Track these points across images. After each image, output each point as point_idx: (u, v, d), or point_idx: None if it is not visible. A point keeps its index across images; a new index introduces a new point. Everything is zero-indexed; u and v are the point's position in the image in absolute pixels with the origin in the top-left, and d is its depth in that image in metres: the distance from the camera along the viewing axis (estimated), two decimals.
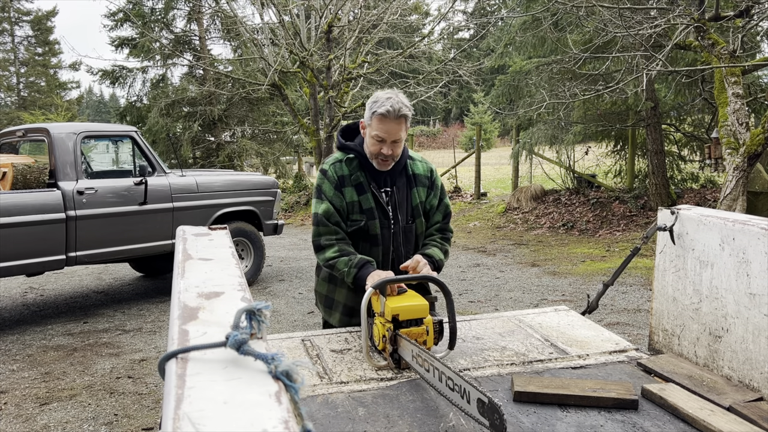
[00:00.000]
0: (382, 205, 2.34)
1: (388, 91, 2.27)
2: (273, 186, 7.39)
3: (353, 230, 2.34)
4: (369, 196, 2.32)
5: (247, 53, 15.17)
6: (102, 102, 63.96)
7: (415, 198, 2.40)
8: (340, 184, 2.32)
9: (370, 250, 2.34)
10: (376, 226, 2.32)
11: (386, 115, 2.19)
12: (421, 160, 2.48)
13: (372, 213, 2.32)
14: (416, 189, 2.40)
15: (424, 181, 2.43)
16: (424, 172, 2.44)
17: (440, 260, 2.36)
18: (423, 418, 1.65)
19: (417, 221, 2.40)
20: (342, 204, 2.31)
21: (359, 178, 2.33)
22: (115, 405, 3.87)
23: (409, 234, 2.40)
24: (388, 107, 2.18)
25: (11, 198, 5.24)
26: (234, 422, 0.60)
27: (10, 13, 29.97)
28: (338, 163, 2.36)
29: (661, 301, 2.21)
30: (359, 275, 2.19)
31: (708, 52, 6.39)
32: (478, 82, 16.26)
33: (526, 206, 11.24)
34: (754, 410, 1.66)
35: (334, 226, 2.31)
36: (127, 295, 6.89)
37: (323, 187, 2.33)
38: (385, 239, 2.35)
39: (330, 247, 2.29)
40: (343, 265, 2.23)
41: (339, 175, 2.33)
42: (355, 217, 2.32)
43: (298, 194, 14.98)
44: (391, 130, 2.21)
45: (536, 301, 5.95)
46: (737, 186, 5.91)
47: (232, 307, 0.91)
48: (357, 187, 2.33)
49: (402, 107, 2.20)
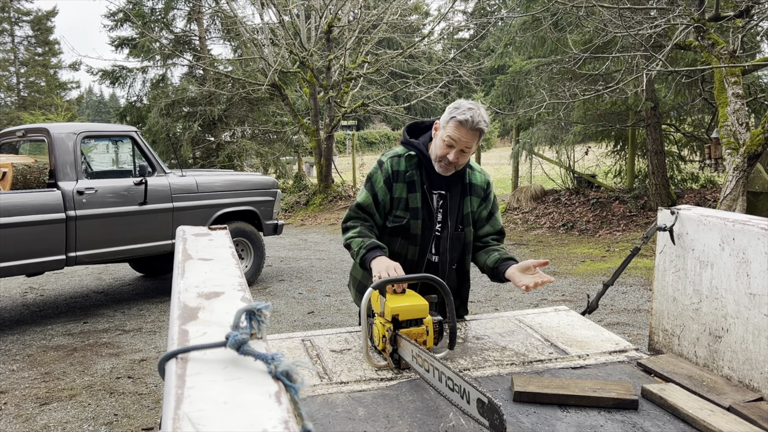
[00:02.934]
0: (430, 207, 2.33)
1: (472, 102, 2.27)
2: (273, 186, 7.39)
3: (395, 226, 2.34)
4: (418, 195, 2.32)
5: (247, 53, 15.17)
6: (102, 102, 63.98)
7: (467, 206, 2.38)
8: (393, 179, 2.33)
9: (407, 248, 2.34)
10: (417, 226, 2.32)
11: (464, 123, 2.19)
12: (480, 171, 2.46)
13: (417, 212, 2.32)
14: (470, 198, 2.39)
15: (479, 191, 2.41)
16: (481, 183, 2.42)
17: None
18: (423, 418, 1.65)
19: (467, 229, 2.39)
20: (386, 198, 2.33)
21: (413, 176, 2.33)
22: (115, 405, 3.87)
23: (457, 241, 2.38)
24: (468, 116, 2.18)
25: (11, 198, 5.24)
26: (234, 422, 0.60)
27: (10, 13, 29.97)
28: (397, 158, 2.36)
29: (661, 301, 2.21)
30: (365, 257, 2.20)
31: (708, 52, 6.39)
32: (478, 82, 16.26)
33: (526, 206, 11.24)
34: (754, 410, 1.66)
35: (365, 214, 2.34)
36: (127, 295, 6.89)
37: (374, 178, 2.36)
38: (425, 240, 2.34)
39: (353, 228, 2.32)
40: (357, 245, 2.25)
41: (394, 169, 2.33)
42: (399, 213, 2.33)
43: (298, 194, 14.97)
44: (463, 138, 2.20)
45: (536, 301, 5.95)
46: (737, 186, 5.91)
47: (232, 307, 0.91)
48: (409, 184, 2.33)
49: (481, 121, 2.20)
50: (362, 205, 2.34)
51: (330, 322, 5.48)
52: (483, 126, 2.21)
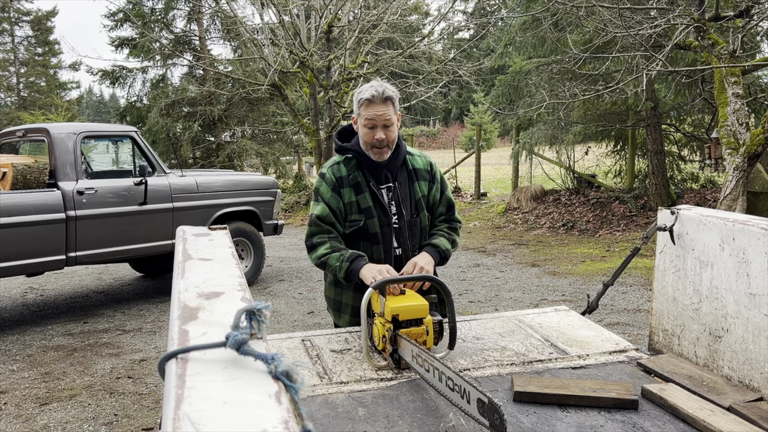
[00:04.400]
0: (381, 203, 2.34)
1: (372, 82, 2.31)
2: (273, 186, 7.40)
3: (353, 230, 2.34)
4: (367, 195, 2.33)
5: (247, 53, 15.17)
6: (102, 102, 63.97)
7: (417, 192, 2.40)
8: (338, 186, 2.33)
9: (371, 248, 2.34)
10: (375, 225, 2.33)
11: (372, 99, 2.22)
12: (420, 155, 2.49)
13: (370, 212, 2.32)
14: (418, 183, 2.41)
15: (424, 175, 2.43)
16: (423, 166, 2.45)
17: (446, 249, 2.36)
18: (423, 418, 1.65)
19: (421, 215, 2.40)
20: (339, 205, 2.32)
21: (357, 178, 2.34)
22: (115, 405, 3.87)
23: (414, 228, 2.39)
24: (372, 92, 2.22)
25: (11, 198, 5.24)
26: (234, 422, 0.60)
27: (10, 13, 29.97)
28: (336, 165, 2.37)
29: (661, 301, 2.21)
30: (351, 269, 2.19)
31: (708, 52, 6.39)
32: (478, 82, 16.26)
33: (526, 206, 11.24)
34: (754, 410, 1.66)
35: (327, 226, 2.31)
36: (127, 295, 6.89)
37: (320, 190, 2.35)
38: (385, 237, 2.34)
39: (321, 245, 2.29)
40: (335, 260, 2.23)
41: (337, 176, 2.34)
42: (354, 217, 2.33)
43: (298, 194, 14.98)
44: (378, 111, 2.23)
45: (536, 301, 5.95)
46: (737, 186, 5.91)
47: (232, 307, 0.91)
48: (355, 186, 2.33)
49: (386, 89, 2.23)
50: (321, 216, 2.30)
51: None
52: (390, 93, 2.24)
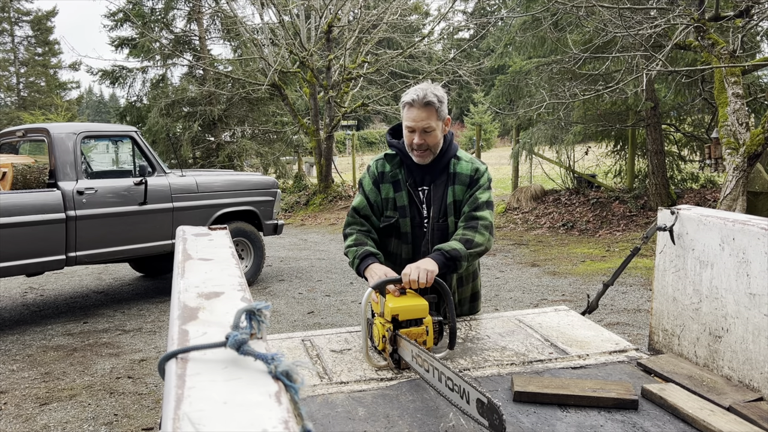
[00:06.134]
0: (417, 204, 2.34)
1: (421, 84, 2.28)
2: (273, 186, 7.40)
3: (386, 226, 2.36)
4: (404, 194, 2.34)
5: (247, 53, 15.17)
6: (102, 102, 63.94)
7: (449, 196, 2.32)
8: (379, 180, 2.37)
9: (400, 247, 2.37)
10: (407, 224, 2.34)
11: (411, 104, 2.22)
12: (469, 160, 2.37)
13: (405, 210, 2.34)
14: (453, 187, 2.32)
15: (464, 179, 2.32)
16: (467, 171, 2.33)
17: (452, 250, 2.16)
18: (423, 418, 1.65)
19: (449, 220, 2.33)
20: (377, 199, 2.36)
21: (397, 176, 2.36)
22: (115, 405, 3.87)
23: (438, 232, 2.33)
24: (414, 95, 2.21)
25: (11, 198, 5.24)
26: (234, 422, 0.60)
27: (10, 13, 29.98)
28: (381, 160, 2.41)
29: (661, 301, 2.21)
30: (359, 266, 2.22)
31: (708, 52, 6.39)
32: (478, 82, 16.26)
33: (526, 206, 11.24)
34: (754, 410, 1.66)
35: (361, 219, 2.36)
36: (127, 295, 6.89)
37: (363, 182, 2.41)
38: (416, 237, 2.35)
39: (350, 236, 2.34)
40: (352, 254, 2.27)
41: (379, 171, 2.38)
42: (389, 213, 2.36)
43: (298, 194, 14.97)
44: (417, 117, 2.21)
45: (536, 301, 5.95)
46: (737, 186, 5.91)
47: (232, 307, 0.91)
48: (394, 183, 2.35)
49: (427, 94, 2.19)
50: (358, 208, 2.37)
51: (330, 322, 5.48)
52: (431, 98, 2.20)
